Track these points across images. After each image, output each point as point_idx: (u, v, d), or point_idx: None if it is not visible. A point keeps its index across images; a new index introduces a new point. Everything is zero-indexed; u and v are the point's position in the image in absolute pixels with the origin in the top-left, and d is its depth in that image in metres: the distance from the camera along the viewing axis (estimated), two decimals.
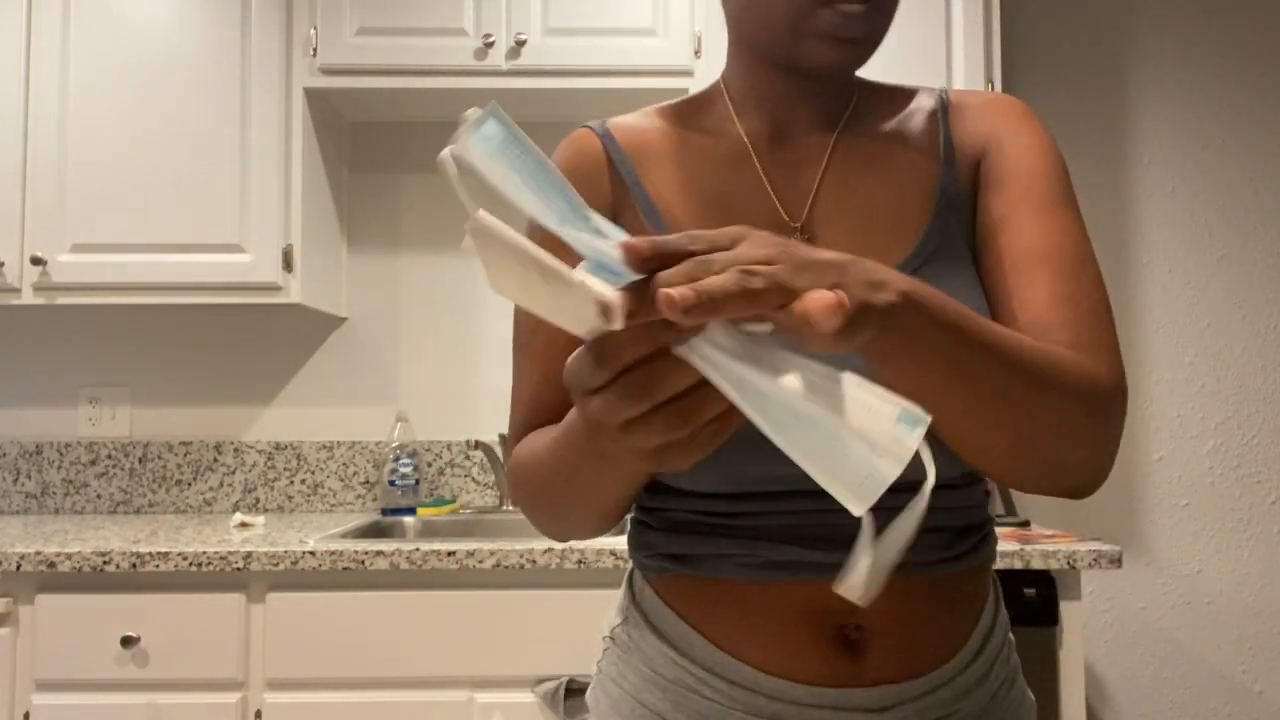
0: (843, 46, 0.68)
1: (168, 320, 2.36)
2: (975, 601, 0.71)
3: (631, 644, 0.73)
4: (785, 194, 0.73)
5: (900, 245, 0.69)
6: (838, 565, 0.57)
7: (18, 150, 2.01)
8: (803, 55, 0.70)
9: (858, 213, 0.72)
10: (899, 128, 0.76)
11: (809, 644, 0.66)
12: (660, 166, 0.76)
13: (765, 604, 0.67)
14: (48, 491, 2.32)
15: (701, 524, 0.69)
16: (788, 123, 0.76)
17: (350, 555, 1.67)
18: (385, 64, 2.02)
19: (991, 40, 2.03)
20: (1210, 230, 2.36)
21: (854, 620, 0.65)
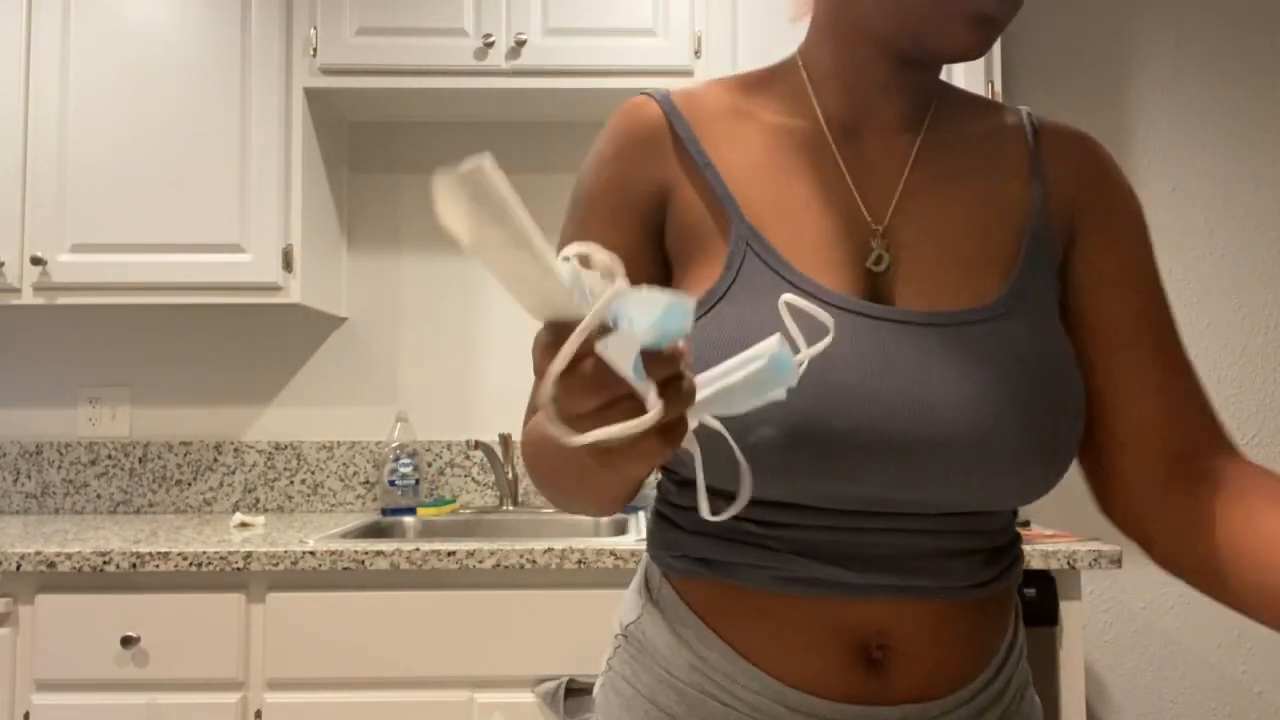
0: (986, 27, 0.63)
1: (168, 320, 2.36)
2: (1003, 622, 0.69)
3: (647, 643, 0.71)
4: (866, 191, 0.69)
5: (990, 281, 0.66)
6: (869, 585, 0.64)
7: (18, 150, 2.01)
8: (944, 35, 0.64)
9: (944, 228, 0.67)
10: (986, 142, 0.71)
11: (834, 660, 0.65)
12: (726, 145, 0.70)
13: (794, 617, 0.66)
14: (48, 491, 2.32)
15: (737, 531, 0.67)
16: (870, 113, 0.70)
17: (350, 555, 1.67)
18: (385, 64, 2.02)
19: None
20: (1210, 230, 2.36)
21: (880, 640, 0.65)
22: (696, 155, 0.70)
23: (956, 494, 0.63)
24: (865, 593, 0.64)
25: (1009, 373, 0.62)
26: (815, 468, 0.61)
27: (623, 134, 0.72)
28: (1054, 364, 0.64)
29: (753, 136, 0.71)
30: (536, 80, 2.03)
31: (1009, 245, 0.67)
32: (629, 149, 0.72)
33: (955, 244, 0.67)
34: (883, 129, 0.71)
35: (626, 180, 0.71)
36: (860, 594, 0.64)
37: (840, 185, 0.69)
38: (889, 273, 0.66)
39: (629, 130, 0.72)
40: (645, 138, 0.72)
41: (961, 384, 0.62)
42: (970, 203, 0.68)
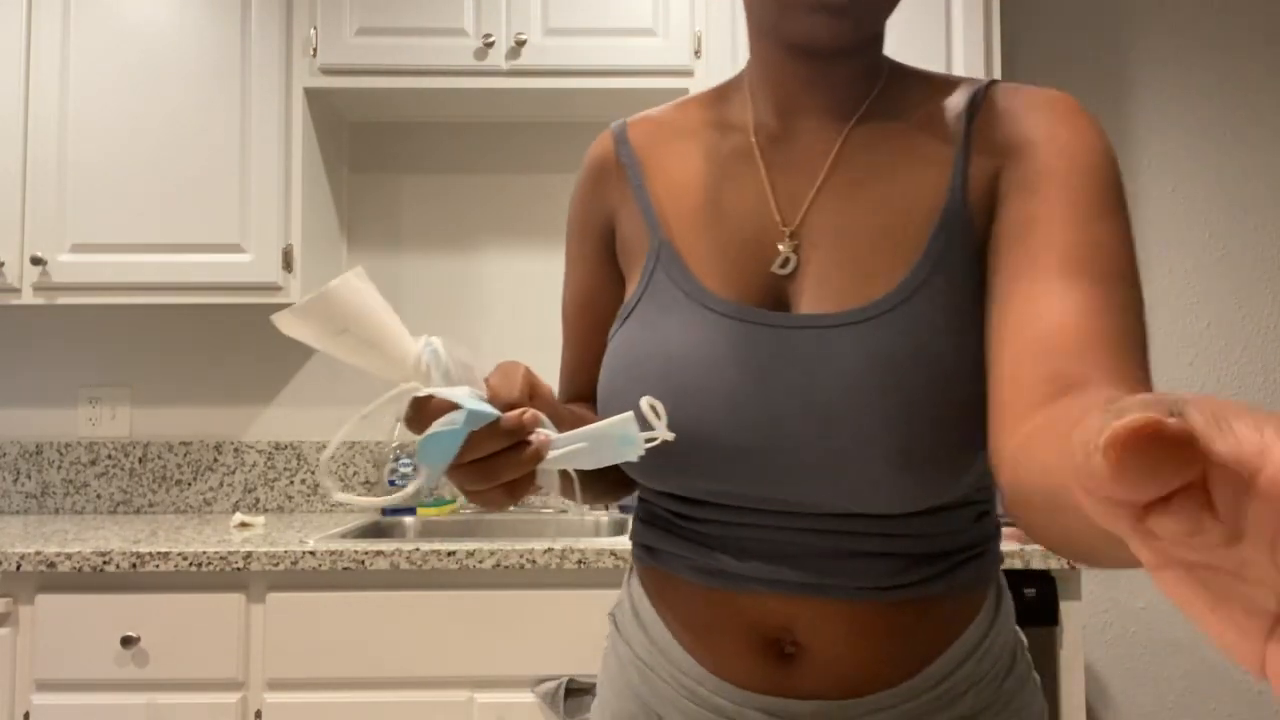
0: (827, 16, 0.62)
1: (168, 320, 2.36)
2: (947, 626, 0.67)
3: (622, 624, 0.77)
4: (784, 196, 0.69)
5: (892, 270, 0.63)
6: (777, 581, 0.66)
7: (18, 150, 2.01)
8: (787, 27, 0.64)
9: (854, 225, 0.66)
10: (921, 125, 0.68)
11: (747, 651, 0.67)
12: (667, 165, 0.74)
13: (714, 608, 0.68)
14: (48, 491, 2.32)
15: (666, 521, 0.72)
16: (795, 113, 0.70)
17: (350, 555, 1.67)
18: (385, 64, 2.02)
19: (991, 41, 2.03)
20: (1210, 230, 2.36)
21: (790, 636, 0.66)
22: (633, 179, 0.75)
23: (819, 497, 0.63)
24: (775, 588, 0.65)
25: (875, 377, 0.61)
26: (690, 466, 0.65)
27: (584, 168, 0.79)
28: (937, 365, 0.61)
29: (692, 153, 0.74)
30: (536, 80, 2.03)
31: (916, 237, 0.64)
32: (586, 181, 0.79)
33: (861, 242, 0.65)
34: (810, 128, 0.70)
35: (585, 211, 0.79)
36: (770, 589, 0.66)
37: (757, 192, 0.69)
38: (795, 275, 0.67)
39: (588, 163, 0.79)
40: (597, 169, 0.78)
41: (819, 390, 0.62)
42: (886, 195, 0.66)
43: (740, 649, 0.67)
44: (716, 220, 0.70)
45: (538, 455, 0.55)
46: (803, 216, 0.68)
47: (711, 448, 0.64)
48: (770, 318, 0.65)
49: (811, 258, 0.66)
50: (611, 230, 0.77)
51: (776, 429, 0.62)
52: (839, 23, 0.62)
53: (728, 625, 0.67)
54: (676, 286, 0.69)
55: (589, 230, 0.79)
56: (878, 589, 0.65)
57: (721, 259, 0.68)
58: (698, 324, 0.66)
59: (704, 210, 0.71)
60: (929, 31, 2.02)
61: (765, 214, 0.69)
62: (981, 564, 0.69)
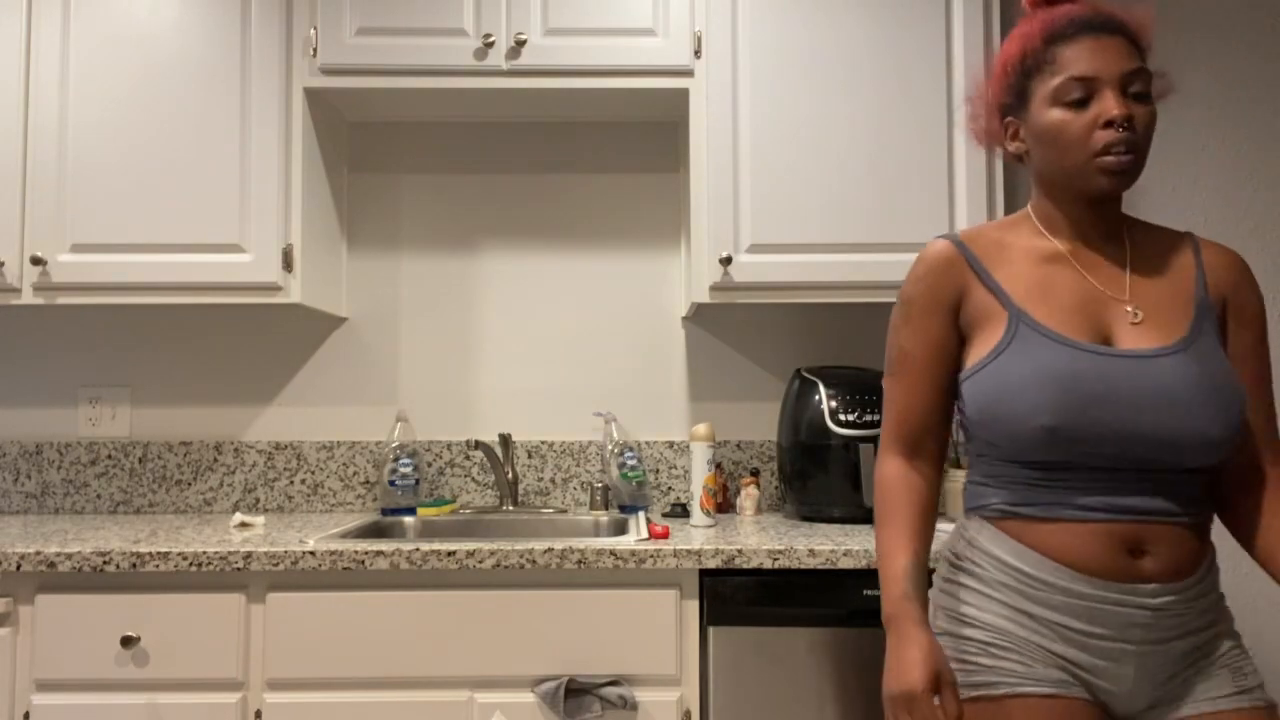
0: (1117, 178, 1.13)
1: (168, 320, 2.36)
2: (1206, 544, 1.15)
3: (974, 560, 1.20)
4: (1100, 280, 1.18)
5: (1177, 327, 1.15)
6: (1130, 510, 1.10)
7: (18, 150, 2.01)
8: (1086, 186, 1.16)
9: (1156, 299, 1.16)
10: (1167, 247, 1.22)
11: (1107, 555, 1.11)
12: (1001, 262, 1.21)
13: (1080, 531, 1.12)
14: (48, 491, 2.32)
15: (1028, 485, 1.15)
16: (1084, 234, 1.21)
17: (350, 555, 1.67)
18: (385, 64, 2.02)
19: (991, 41, 2.03)
20: (1210, 231, 2.36)
21: (1139, 545, 1.11)
22: (979, 270, 1.21)
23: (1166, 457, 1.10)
24: (1129, 516, 1.11)
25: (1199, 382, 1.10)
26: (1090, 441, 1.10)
27: (930, 261, 1.24)
28: (1224, 377, 1.12)
29: (1015, 257, 1.21)
30: (536, 80, 2.03)
31: (1185, 309, 1.16)
32: (936, 269, 1.23)
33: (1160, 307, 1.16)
34: (1097, 243, 1.21)
35: (938, 288, 1.22)
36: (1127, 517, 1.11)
37: (1078, 278, 1.18)
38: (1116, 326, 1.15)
39: (935, 257, 1.24)
40: (945, 262, 1.23)
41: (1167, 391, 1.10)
42: (1166, 283, 1.18)
43: (1103, 555, 1.11)
44: (1051, 297, 1.16)
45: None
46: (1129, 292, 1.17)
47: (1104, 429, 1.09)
48: (1116, 350, 1.12)
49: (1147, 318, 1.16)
50: (959, 305, 1.22)
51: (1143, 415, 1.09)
52: (1124, 182, 1.14)
53: (1096, 543, 1.11)
54: (1040, 334, 1.14)
55: (940, 302, 1.22)
56: (1190, 515, 1.12)
57: (1066, 319, 1.15)
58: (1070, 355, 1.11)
59: (1038, 291, 1.17)
60: (929, 31, 2.02)
61: (1089, 290, 1.17)
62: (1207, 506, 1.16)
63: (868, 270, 2.00)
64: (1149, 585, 1.10)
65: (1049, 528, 1.13)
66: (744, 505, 2.19)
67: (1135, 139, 1.11)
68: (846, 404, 2.04)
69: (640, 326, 2.37)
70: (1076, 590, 1.11)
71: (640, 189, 2.39)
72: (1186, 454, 1.09)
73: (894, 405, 1.25)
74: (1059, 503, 1.13)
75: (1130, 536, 1.10)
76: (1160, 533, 1.10)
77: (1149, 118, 1.12)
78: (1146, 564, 1.10)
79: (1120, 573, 1.10)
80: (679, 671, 1.69)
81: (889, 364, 1.26)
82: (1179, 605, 1.11)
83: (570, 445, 2.34)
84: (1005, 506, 1.17)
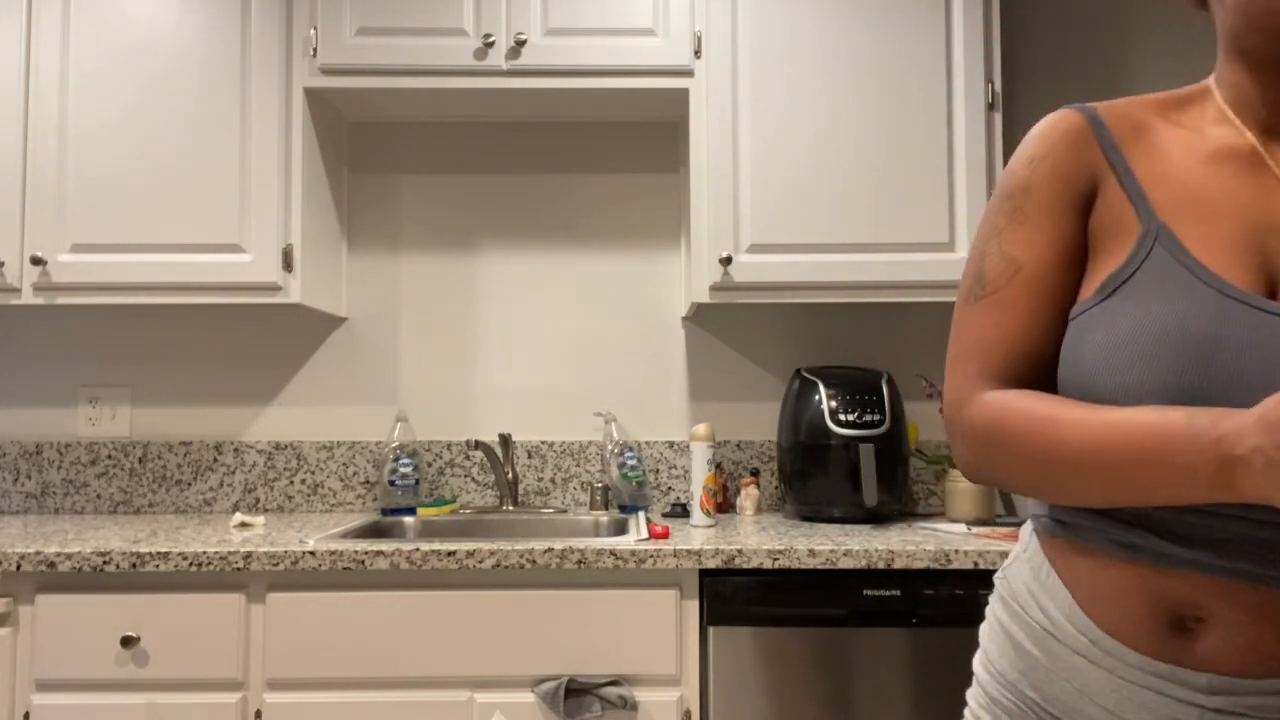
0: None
1: (168, 320, 2.36)
2: None
3: (1011, 583, 0.86)
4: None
5: None
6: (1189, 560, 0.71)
7: (18, 150, 2.01)
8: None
9: None
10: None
11: (1149, 620, 0.74)
12: (1149, 151, 0.81)
13: (1120, 576, 0.75)
14: (48, 491, 2.32)
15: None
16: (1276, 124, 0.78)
17: (350, 555, 1.67)
18: (385, 64, 2.02)
19: (991, 41, 2.03)
20: None
21: (1195, 612, 0.72)
22: (1115, 159, 0.81)
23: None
24: (1185, 566, 0.72)
25: None
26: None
27: (1055, 134, 0.83)
28: None
29: (1172, 148, 0.80)
30: (536, 80, 2.03)
31: None
32: (1063, 144, 0.83)
33: None
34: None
35: (1063, 174, 0.82)
36: (1181, 566, 0.72)
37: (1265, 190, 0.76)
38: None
39: (1063, 129, 0.83)
40: (1076, 137, 0.82)
41: None
42: None
43: (1143, 617, 0.74)
44: (1214, 213, 0.75)
45: None
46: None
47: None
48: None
49: None
50: (1091, 195, 0.81)
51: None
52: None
53: (1136, 595, 0.74)
54: (1185, 269, 0.73)
55: (1066, 189, 0.82)
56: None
57: (1227, 251, 0.73)
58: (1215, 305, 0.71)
59: (1194, 202, 0.76)
60: (929, 31, 2.02)
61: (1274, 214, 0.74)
62: None
63: (868, 270, 2.00)
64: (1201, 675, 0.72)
65: (1088, 558, 0.78)
66: (744, 505, 2.19)
67: None
68: (846, 404, 2.04)
69: (640, 326, 2.37)
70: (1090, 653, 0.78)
71: (640, 189, 2.39)
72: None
73: (984, 334, 0.82)
74: (1103, 529, 0.77)
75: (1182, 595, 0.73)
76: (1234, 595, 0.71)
77: None
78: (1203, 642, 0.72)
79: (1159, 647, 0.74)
80: (679, 671, 1.69)
81: (974, 282, 0.84)
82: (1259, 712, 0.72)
83: (570, 445, 2.34)
84: (1054, 518, 0.82)
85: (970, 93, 2.01)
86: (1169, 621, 0.73)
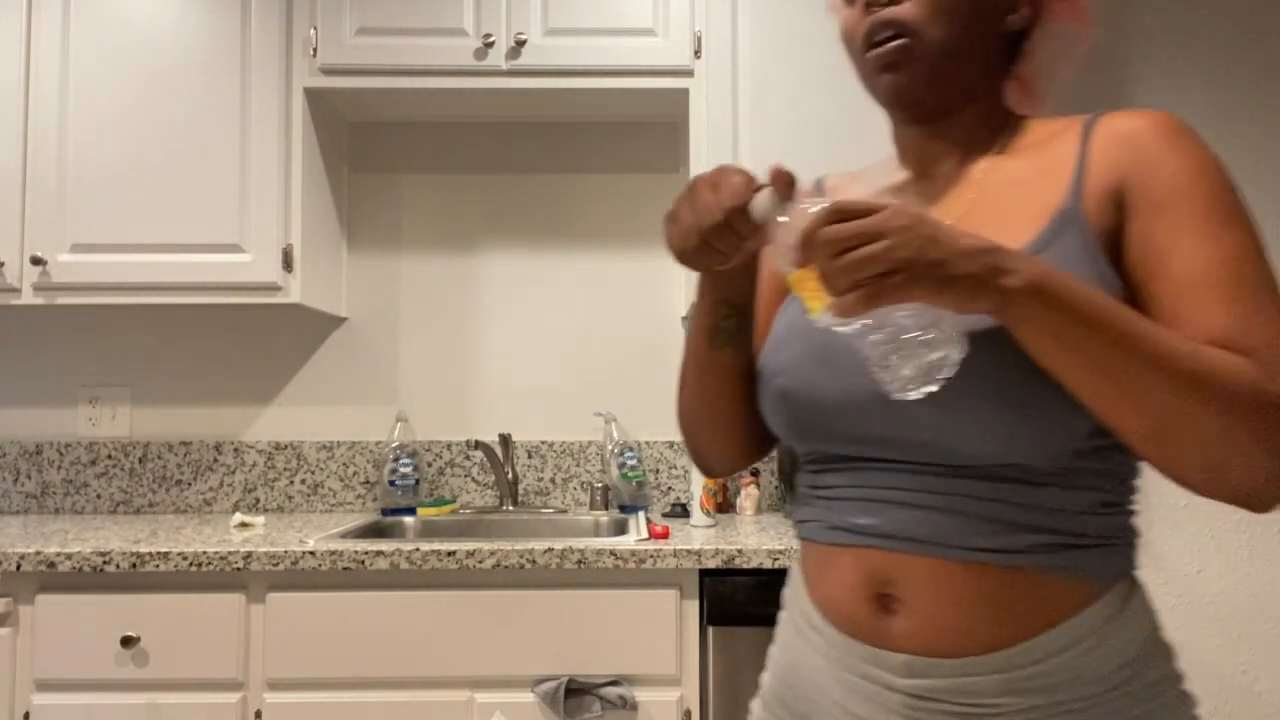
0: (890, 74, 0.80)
1: (168, 320, 2.36)
2: (1050, 607, 0.70)
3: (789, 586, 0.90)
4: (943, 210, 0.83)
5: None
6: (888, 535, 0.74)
7: (18, 150, 2.01)
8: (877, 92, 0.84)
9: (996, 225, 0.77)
10: (1043, 152, 0.80)
11: (855, 602, 0.76)
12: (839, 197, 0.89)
13: (831, 562, 0.79)
14: (48, 491, 2.32)
15: (807, 494, 0.84)
16: (927, 160, 0.86)
17: (350, 555, 1.67)
18: (385, 64, 2.02)
19: None
20: None
21: (893, 590, 0.73)
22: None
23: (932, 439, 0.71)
24: (885, 543, 0.74)
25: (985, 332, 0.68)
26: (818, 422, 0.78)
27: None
28: None
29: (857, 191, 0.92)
30: (536, 80, 2.03)
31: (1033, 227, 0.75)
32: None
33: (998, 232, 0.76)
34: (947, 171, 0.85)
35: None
36: (881, 544, 0.74)
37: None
38: None
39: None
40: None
41: None
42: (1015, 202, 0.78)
43: (850, 599, 0.76)
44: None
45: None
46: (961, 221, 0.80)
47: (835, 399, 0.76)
48: None
49: None
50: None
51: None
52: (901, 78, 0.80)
53: (844, 579, 0.77)
54: None
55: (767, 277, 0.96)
56: (980, 550, 0.70)
57: None
58: None
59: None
60: None
61: None
62: (1098, 555, 0.71)
63: None
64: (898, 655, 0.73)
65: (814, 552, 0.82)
66: (744, 505, 2.19)
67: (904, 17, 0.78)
68: None
69: (640, 326, 2.37)
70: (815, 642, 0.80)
71: (640, 189, 2.39)
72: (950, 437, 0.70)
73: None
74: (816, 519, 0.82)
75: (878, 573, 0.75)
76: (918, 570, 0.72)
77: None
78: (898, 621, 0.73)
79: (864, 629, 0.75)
80: (679, 671, 1.69)
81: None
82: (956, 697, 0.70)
83: (570, 445, 2.33)
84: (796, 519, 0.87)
85: None
86: (872, 601, 0.75)
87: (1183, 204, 0.70)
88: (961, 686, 0.70)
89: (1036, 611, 0.70)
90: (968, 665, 0.69)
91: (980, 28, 0.79)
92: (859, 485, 0.77)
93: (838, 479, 0.79)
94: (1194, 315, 0.67)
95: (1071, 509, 0.71)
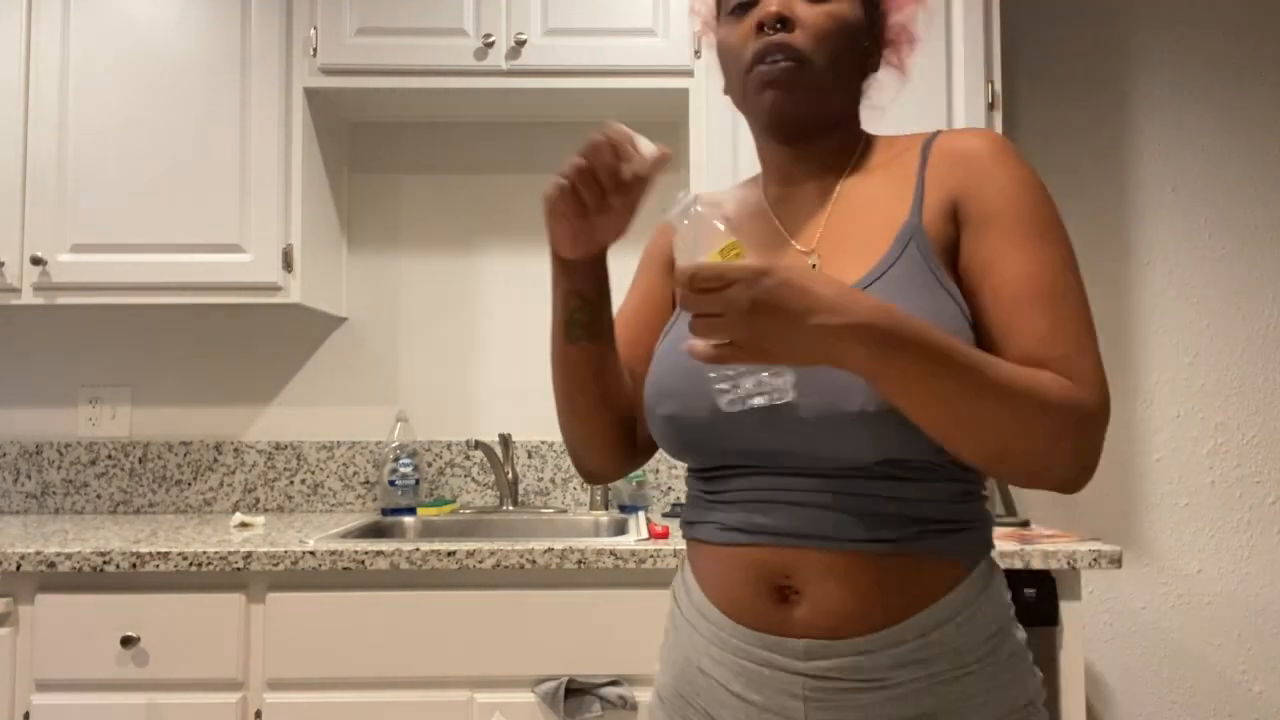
0: (776, 92, 0.86)
1: (168, 320, 2.36)
2: (926, 587, 0.79)
3: (676, 592, 0.93)
4: (798, 232, 0.90)
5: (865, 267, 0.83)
6: (782, 533, 0.80)
7: (18, 150, 2.01)
8: (755, 108, 0.88)
9: (849, 239, 0.86)
10: (890, 172, 0.89)
11: (755, 597, 0.81)
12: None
13: (730, 561, 0.83)
14: (48, 491, 2.32)
15: (698, 498, 0.89)
16: (791, 179, 0.93)
17: (350, 555, 1.67)
18: (385, 64, 2.02)
19: (991, 41, 2.03)
20: (1210, 230, 2.36)
21: (790, 583, 0.79)
22: None
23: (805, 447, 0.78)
24: (780, 540, 0.80)
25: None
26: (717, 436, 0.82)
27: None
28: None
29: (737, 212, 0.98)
30: (536, 80, 2.03)
31: (883, 243, 0.83)
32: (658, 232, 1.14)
33: (849, 249, 0.85)
34: (810, 190, 0.92)
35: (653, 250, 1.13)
36: (776, 541, 0.80)
37: (774, 231, 0.92)
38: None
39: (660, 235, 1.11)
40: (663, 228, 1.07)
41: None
42: (869, 220, 0.86)
43: (750, 595, 0.81)
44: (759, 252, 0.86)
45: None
46: (818, 239, 0.88)
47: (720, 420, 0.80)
48: None
49: (825, 264, 0.86)
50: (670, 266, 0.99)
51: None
52: (786, 97, 0.86)
53: (743, 576, 0.82)
54: None
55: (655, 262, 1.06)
56: (864, 541, 0.78)
57: None
58: None
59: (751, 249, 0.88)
60: (929, 32, 2.02)
61: (777, 245, 0.90)
62: (964, 539, 0.81)
63: None
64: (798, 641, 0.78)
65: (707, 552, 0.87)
66: None
67: (795, 43, 0.84)
68: None
69: None
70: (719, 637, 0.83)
71: None
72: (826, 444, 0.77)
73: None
74: (710, 522, 0.86)
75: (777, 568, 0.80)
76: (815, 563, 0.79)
77: (825, 20, 0.85)
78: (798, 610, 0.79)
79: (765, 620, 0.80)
80: None
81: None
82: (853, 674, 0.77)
83: None
84: (685, 521, 0.91)
85: (970, 93, 2.01)
86: (772, 594, 0.80)
87: (1007, 218, 0.80)
88: (857, 664, 0.77)
89: (918, 591, 0.78)
90: (862, 644, 0.77)
91: (851, 59, 0.88)
92: (752, 489, 0.82)
93: (730, 485, 0.84)
94: (1017, 321, 0.77)
95: (940, 499, 0.80)
